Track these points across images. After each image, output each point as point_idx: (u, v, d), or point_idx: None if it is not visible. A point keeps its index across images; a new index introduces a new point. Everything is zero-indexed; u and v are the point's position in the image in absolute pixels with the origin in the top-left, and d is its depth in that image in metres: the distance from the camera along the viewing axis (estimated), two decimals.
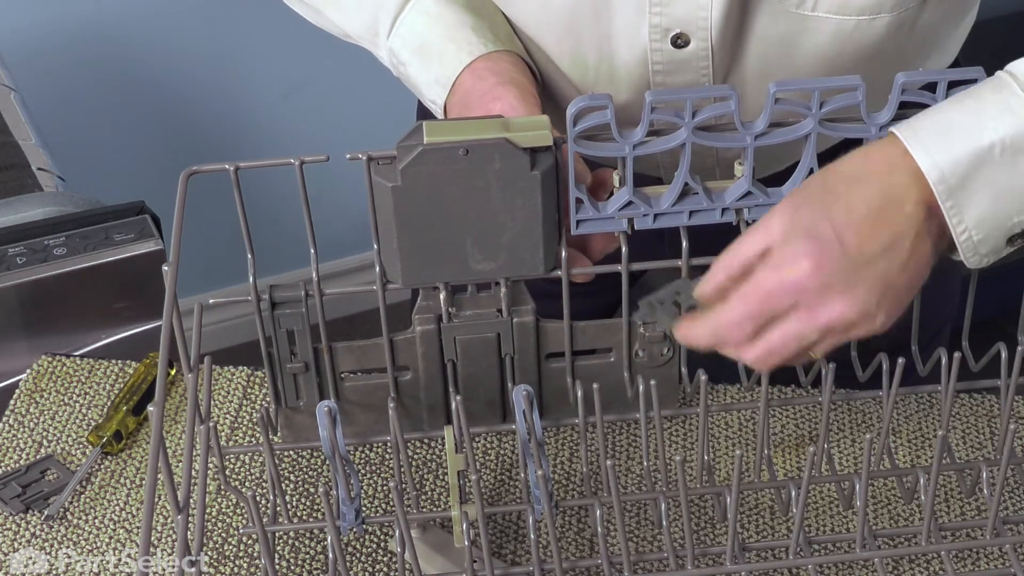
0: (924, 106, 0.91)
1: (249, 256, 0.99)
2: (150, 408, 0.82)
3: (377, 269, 0.99)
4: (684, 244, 0.98)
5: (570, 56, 1.07)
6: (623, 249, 0.99)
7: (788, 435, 1.12)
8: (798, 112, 0.93)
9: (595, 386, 0.97)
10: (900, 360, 0.97)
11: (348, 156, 0.95)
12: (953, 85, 0.91)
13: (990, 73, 0.91)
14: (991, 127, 0.85)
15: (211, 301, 1.02)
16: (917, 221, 0.86)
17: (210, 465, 0.99)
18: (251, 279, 0.99)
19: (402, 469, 0.99)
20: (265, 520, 0.97)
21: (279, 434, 1.07)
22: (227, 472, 1.07)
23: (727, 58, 1.04)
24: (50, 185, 1.57)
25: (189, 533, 0.83)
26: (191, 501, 0.84)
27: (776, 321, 0.87)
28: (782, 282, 0.86)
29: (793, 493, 0.95)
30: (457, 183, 0.95)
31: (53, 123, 1.78)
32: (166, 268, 0.91)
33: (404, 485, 0.99)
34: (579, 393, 0.98)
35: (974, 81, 0.90)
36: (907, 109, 0.93)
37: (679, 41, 1.03)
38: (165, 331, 0.89)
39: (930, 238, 0.87)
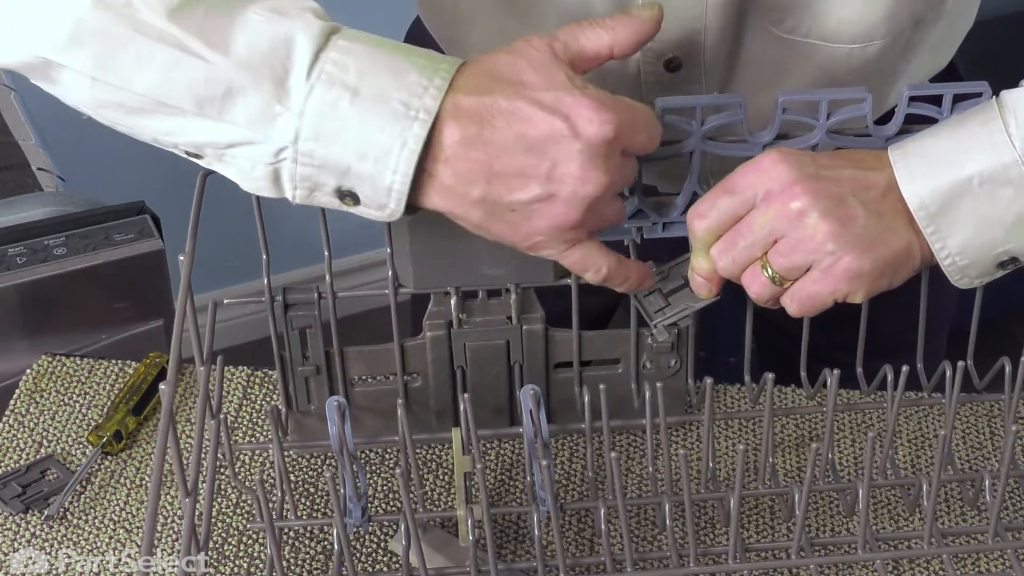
0: (929, 119, 0.92)
1: (264, 256, 0.99)
2: (162, 387, 0.81)
3: (390, 274, 0.99)
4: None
5: None
6: (632, 258, 0.99)
7: (788, 435, 1.12)
8: (805, 123, 0.93)
9: (601, 387, 0.97)
10: (904, 368, 0.97)
11: None
12: (959, 99, 0.92)
13: (992, 75, 0.91)
14: (974, 160, 0.86)
15: (226, 301, 1.02)
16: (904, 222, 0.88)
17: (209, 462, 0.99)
18: (265, 280, 0.99)
19: (408, 465, 0.99)
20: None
21: (288, 437, 1.07)
22: (227, 472, 1.07)
23: (719, 81, 1.04)
24: (50, 185, 1.57)
25: (197, 520, 0.83)
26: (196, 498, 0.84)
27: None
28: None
29: (796, 496, 0.95)
30: None
31: (53, 123, 1.77)
32: (182, 258, 0.91)
33: (411, 482, 1.00)
34: (586, 398, 0.99)
35: (979, 95, 0.91)
36: (911, 124, 0.93)
37: (672, 64, 1.03)
38: (178, 317, 0.88)
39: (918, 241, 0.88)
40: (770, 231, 0.87)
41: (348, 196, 0.84)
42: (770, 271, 0.89)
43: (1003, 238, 0.87)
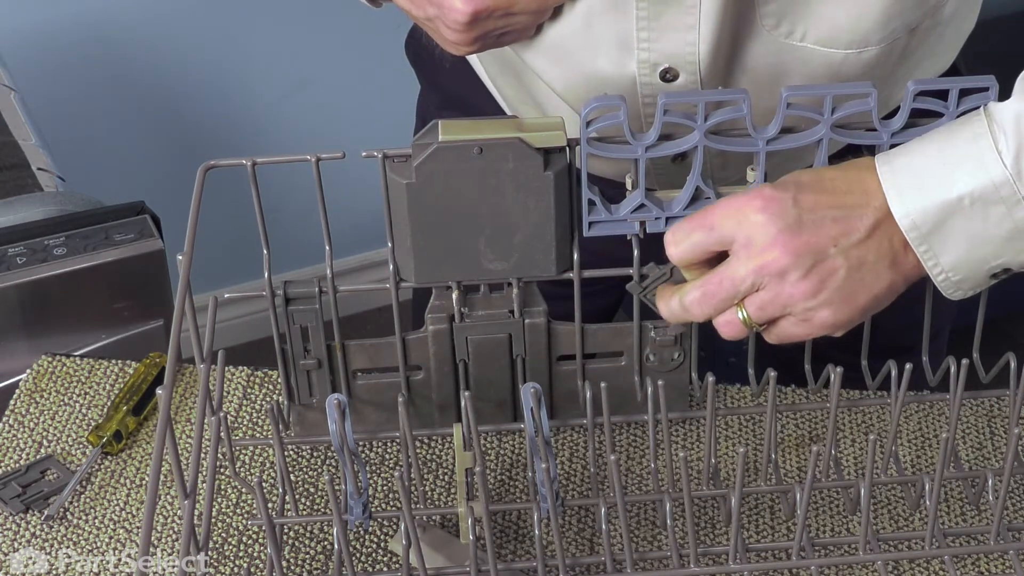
0: (935, 114, 0.91)
1: (265, 252, 0.99)
2: (159, 391, 0.82)
3: (391, 267, 1.00)
4: None
5: (562, 82, 1.07)
6: (635, 252, 0.99)
7: (788, 434, 1.12)
8: (810, 118, 0.93)
9: (603, 385, 0.97)
10: (908, 366, 0.97)
11: (364, 154, 0.95)
12: (965, 93, 0.91)
13: (996, 74, 0.91)
14: (963, 180, 0.85)
15: (226, 295, 1.02)
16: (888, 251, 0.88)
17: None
18: (267, 274, 1.00)
19: (409, 461, 0.99)
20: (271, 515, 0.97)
21: (291, 431, 1.08)
22: (228, 471, 1.07)
23: (717, 87, 1.04)
24: (50, 185, 1.57)
25: (196, 521, 0.83)
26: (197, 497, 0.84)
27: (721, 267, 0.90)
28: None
29: (797, 495, 0.95)
30: (471, 182, 0.95)
31: (53, 123, 1.78)
32: (180, 257, 0.91)
33: (413, 480, 1.00)
34: (587, 394, 0.99)
35: (986, 89, 0.90)
36: (917, 119, 0.93)
37: (668, 76, 1.03)
38: (177, 315, 0.88)
39: (899, 268, 0.88)
40: (751, 285, 0.89)
41: None
42: (744, 315, 0.90)
43: (995, 253, 0.87)
